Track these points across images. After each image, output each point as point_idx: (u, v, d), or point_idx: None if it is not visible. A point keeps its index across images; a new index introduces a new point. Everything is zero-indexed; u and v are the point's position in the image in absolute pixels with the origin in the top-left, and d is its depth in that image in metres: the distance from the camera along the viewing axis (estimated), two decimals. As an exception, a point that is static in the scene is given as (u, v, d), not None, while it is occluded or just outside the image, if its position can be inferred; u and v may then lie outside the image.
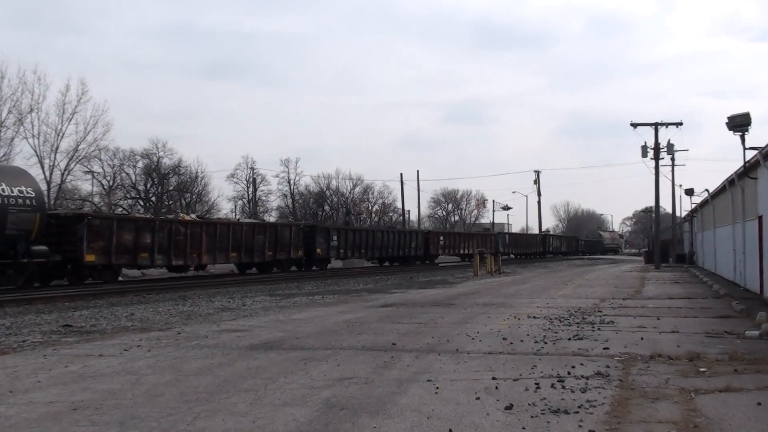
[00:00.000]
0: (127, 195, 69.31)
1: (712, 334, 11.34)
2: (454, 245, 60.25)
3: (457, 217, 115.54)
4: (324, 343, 10.57)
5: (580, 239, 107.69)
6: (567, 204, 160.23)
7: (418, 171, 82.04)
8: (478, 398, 6.68)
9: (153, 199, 70.16)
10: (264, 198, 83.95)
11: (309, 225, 44.03)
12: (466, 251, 61.32)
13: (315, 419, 5.95)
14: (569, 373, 7.90)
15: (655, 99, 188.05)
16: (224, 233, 33.36)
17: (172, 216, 40.13)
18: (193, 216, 39.26)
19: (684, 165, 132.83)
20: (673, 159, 53.24)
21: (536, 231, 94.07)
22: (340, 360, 9.00)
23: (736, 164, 23.46)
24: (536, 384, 7.27)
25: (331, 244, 42.10)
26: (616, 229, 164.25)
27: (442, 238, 58.80)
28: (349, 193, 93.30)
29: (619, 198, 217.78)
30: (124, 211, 64.50)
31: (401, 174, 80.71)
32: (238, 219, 51.19)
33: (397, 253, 50.59)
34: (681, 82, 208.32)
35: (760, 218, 18.65)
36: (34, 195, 24.24)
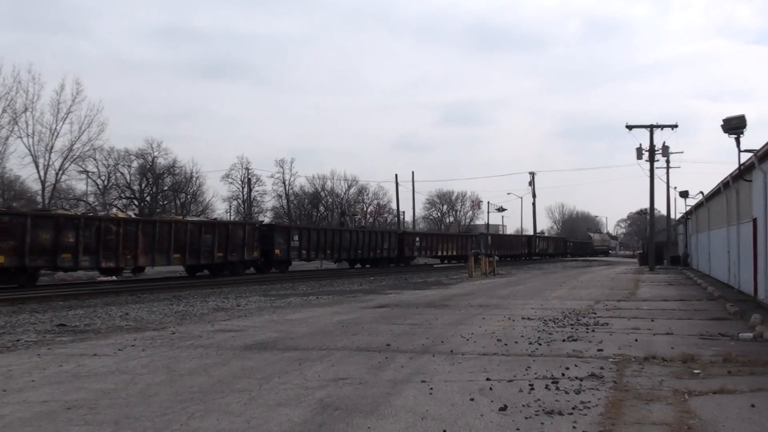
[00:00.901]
0: (122, 195, 69.21)
1: (706, 336, 11.37)
2: (431, 247, 57.08)
3: (452, 219, 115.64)
4: (318, 344, 10.56)
5: (568, 241, 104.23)
6: (562, 206, 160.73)
7: (413, 172, 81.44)
8: (472, 399, 6.69)
9: (148, 199, 70.03)
10: (259, 198, 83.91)
11: (266, 224, 41.38)
12: (445, 253, 59.12)
13: (309, 420, 5.95)
14: (563, 374, 7.91)
15: (650, 101, 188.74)
16: (165, 232, 30.44)
17: (103, 213, 37.89)
18: (131, 214, 38.14)
19: (679, 167, 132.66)
20: (668, 161, 53.45)
21: (531, 232, 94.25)
22: (335, 360, 9.00)
23: (731, 167, 23.52)
24: (530, 385, 7.28)
25: (291, 244, 38.94)
26: (611, 231, 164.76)
27: (418, 239, 55.71)
28: (344, 194, 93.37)
29: (614, 200, 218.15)
30: (119, 212, 64.36)
31: (396, 175, 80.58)
32: (183, 216, 46.68)
33: (367, 254, 47.23)
34: (676, 85, 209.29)
35: (754, 221, 18.72)
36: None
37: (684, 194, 51.70)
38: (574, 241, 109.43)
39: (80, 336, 11.84)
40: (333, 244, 43.35)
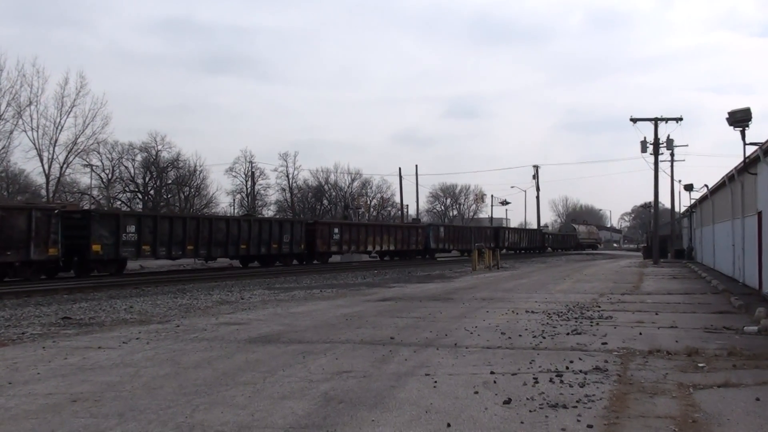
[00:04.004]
0: (126, 188, 69.33)
1: (711, 330, 11.34)
2: (359, 240, 45.79)
3: (455, 212, 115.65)
4: (322, 337, 10.57)
5: (546, 233, 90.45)
6: (566, 199, 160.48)
7: (416, 165, 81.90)
8: (476, 392, 6.69)
9: (152, 192, 70.12)
10: (262, 192, 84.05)
11: (78, 211, 30.58)
12: (381, 247, 48.45)
13: (313, 412, 5.96)
14: (567, 367, 7.90)
15: (654, 94, 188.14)
16: None
17: None
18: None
19: (683, 160, 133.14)
20: (672, 154, 53.38)
21: (535, 226, 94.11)
22: (339, 353, 9.01)
23: (736, 160, 23.43)
24: (534, 378, 7.28)
25: (123, 238, 28.76)
26: (614, 224, 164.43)
27: (337, 230, 44.20)
28: (348, 187, 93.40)
29: (618, 193, 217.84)
30: (122, 205, 64.60)
31: (399, 168, 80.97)
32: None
33: (257, 250, 36.75)
34: (681, 78, 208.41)
35: (759, 214, 18.65)
36: None
37: (688, 187, 51.56)
38: (553, 234, 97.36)
39: (85, 329, 11.88)
40: (199, 237, 32.64)
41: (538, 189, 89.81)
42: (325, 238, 42.37)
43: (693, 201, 50.15)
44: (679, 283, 24.37)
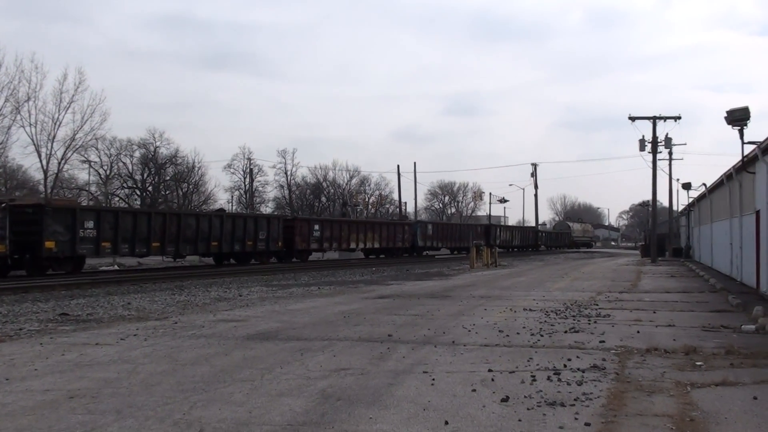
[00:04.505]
0: (124, 185, 69.30)
1: (709, 328, 11.35)
2: (341, 237, 44.17)
3: (453, 210, 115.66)
4: (320, 334, 10.57)
5: (540, 231, 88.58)
6: (564, 197, 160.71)
7: (415, 163, 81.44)
8: (474, 390, 6.68)
9: (150, 189, 70.06)
10: (261, 189, 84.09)
11: (30, 204, 27.36)
12: (365, 245, 46.96)
13: (311, 409, 5.95)
14: (565, 365, 7.90)
15: (653, 92, 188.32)
16: None
17: None
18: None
19: (682, 159, 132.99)
20: (670, 153, 53.36)
21: (533, 223, 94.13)
22: (337, 351, 9.00)
23: (734, 159, 23.46)
24: (532, 376, 7.28)
25: (80, 234, 26.73)
26: (613, 222, 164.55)
27: (317, 227, 42.33)
28: (346, 184, 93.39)
29: (616, 191, 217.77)
30: (120, 201, 64.55)
31: (398, 166, 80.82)
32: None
33: (230, 247, 34.79)
34: (679, 76, 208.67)
35: (757, 213, 18.66)
36: None
37: (687, 186, 51.52)
38: (547, 231, 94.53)
39: (82, 325, 11.86)
40: (166, 234, 30.74)
41: (536, 187, 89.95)
42: (304, 235, 40.75)
43: (691, 200, 50.17)
44: (677, 281, 24.40)
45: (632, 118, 45.49)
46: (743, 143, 19.29)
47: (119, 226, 28.67)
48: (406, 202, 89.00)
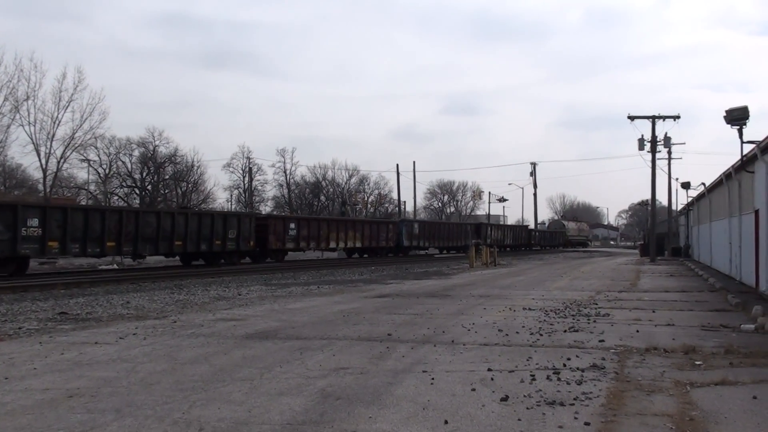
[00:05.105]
0: (123, 183, 69.24)
1: (708, 328, 11.35)
2: (319, 236, 41.57)
3: (453, 209, 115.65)
4: (319, 333, 10.56)
5: (533, 230, 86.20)
6: (563, 196, 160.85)
7: (414, 162, 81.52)
8: (473, 389, 6.68)
9: (149, 188, 70.03)
10: (260, 188, 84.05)
11: None
12: (345, 244, 44.57)
13: (310, 409, 5.95)
14: (565, 365, 7.90)
15: (652, 92, 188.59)
16: None
17: None
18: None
19: (681, 158, 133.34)
20: (669, 152, 53.45)
21: (532, 223, 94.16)
22: (336, 350, 9.00)
23: (733, 158, 23.48)
24: (532, 376, 7.28)
25: (22, 232, 24.32)
26: (612, 222, 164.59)
27: (293, 225, 39.69)
28: (345, 183, 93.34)
29: (615, 191, 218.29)
30: (120, 200, 64.51)
31: (397, 165, 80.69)
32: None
33: (196, 247, 32.39)
34: (679, 75, 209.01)
35: (756, 212, 18.67)
36: None
37: (686, 185, 51.55)
38: (541, 231, 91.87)
39: (82, 324, 11.85)
40: (122, 232, 28.31)
41: (535, 186, 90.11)
42: (279, 234, 38.27)
43: (690, 199, 50.18)
44: (676, 280, 24.40)
45: (631, 118, 45.53)
46: (742, 142, 19.28)
47: (68, 224, 26.00)
48: (405, 202, 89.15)
